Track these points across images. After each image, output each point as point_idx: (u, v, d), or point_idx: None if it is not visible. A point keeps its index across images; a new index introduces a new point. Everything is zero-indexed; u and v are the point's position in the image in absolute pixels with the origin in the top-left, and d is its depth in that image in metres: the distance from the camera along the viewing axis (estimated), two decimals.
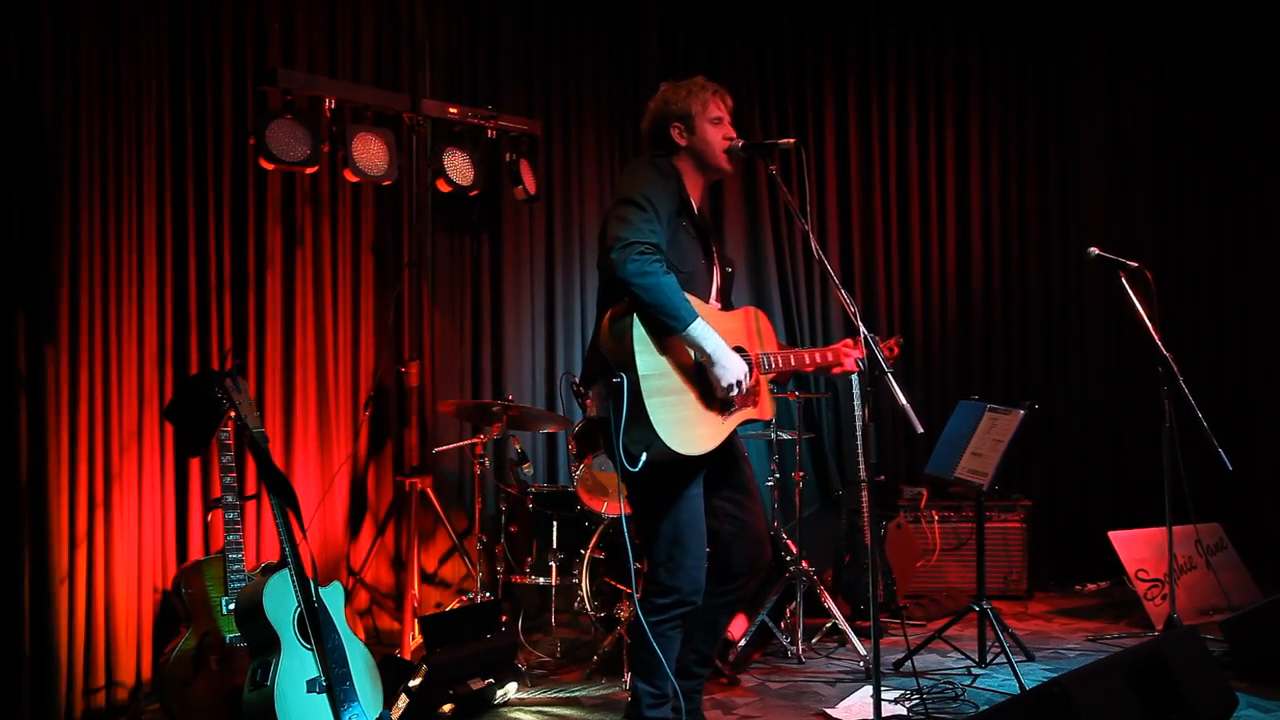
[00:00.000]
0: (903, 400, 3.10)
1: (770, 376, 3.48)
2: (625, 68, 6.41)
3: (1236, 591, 5.28)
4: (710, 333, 3.13)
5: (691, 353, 3.19)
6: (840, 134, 6.70)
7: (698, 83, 3.45)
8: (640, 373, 3.07)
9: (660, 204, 3.21)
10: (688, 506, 3.27)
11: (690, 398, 3.19)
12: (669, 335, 3.14)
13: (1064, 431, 6.62)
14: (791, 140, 3.43)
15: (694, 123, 3.41)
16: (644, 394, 3.05)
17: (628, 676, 4.22)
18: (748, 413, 3.37)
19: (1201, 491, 4.96)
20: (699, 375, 3.21)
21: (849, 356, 3.58)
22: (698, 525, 3.30)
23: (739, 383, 3.18)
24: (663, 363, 3.14)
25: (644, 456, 3.10)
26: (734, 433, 3.51)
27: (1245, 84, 6.47)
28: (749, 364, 3.30)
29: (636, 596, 3.33)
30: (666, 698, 3.31)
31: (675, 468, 3.22)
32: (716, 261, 3.52)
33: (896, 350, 3.83)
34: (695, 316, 3.11)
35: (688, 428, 3.15)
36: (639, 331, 3.11)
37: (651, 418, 3.05)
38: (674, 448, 3.09)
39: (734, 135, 3.45)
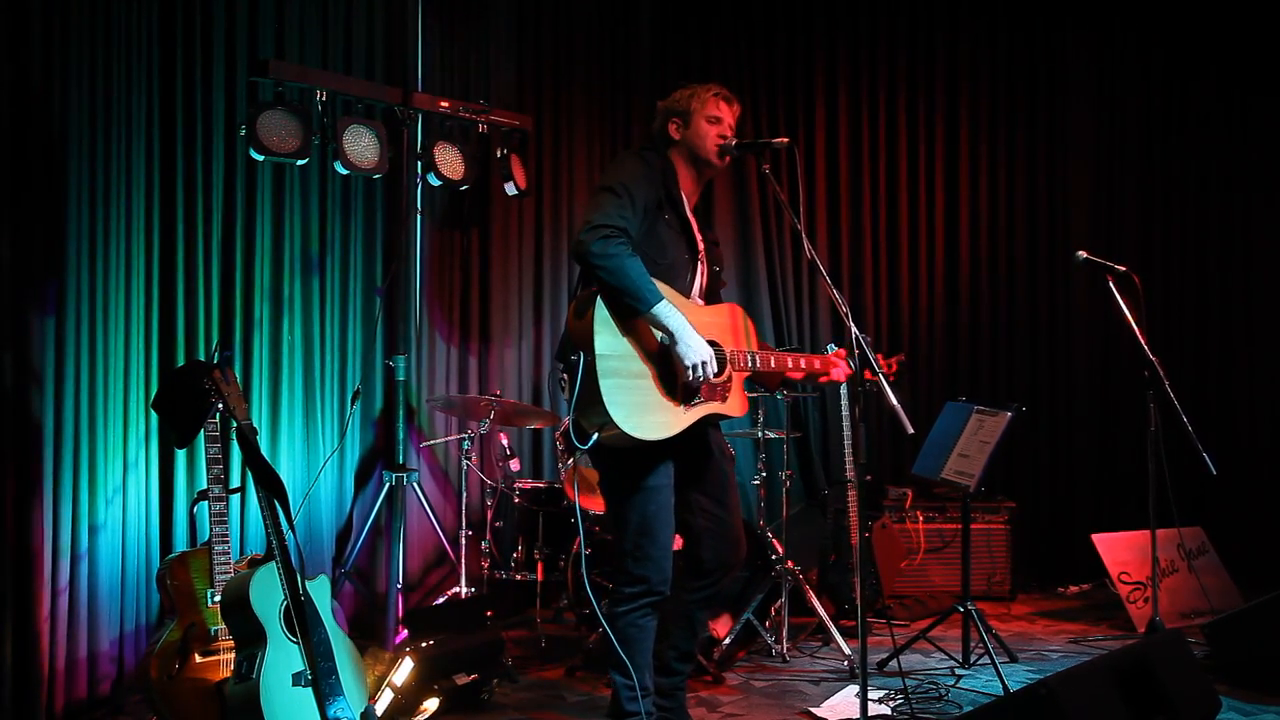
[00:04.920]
0: (893, 400, 3.10)
1: (745, 374, 3.47)
2: (617, 65, 6.41)
3: (1218, 595, 5.32)
4: (675, 313, 3.15)
5: (657, 335, 3.20)
6: (830, 134, 6.71)
7: (705, 85, 3.52)
8: (598, 352, 3.09)
9: (638, 193, 3.25)
10: (655, 498, 3.29)
11: (650, 384, 3.19)
12: (633, 318, 3.16)
13: (1049, 433, 6.65)
14: (785, 139, 3.44)
15: (690, 119, 3.46)
16: (599, 373, 3.07)
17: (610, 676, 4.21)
18: (714, 407, 3.35)
19: (1184, 495, 4.99)
20: (662, 361, 3.22)
21: (837, 366, 3.59)
22: (665, 517, 3.32)
23: (703, 364, 3.16)
24: (624, 345, 3.15)
25: (594, 436, 3.10)
26: (715, 428, 3.53)
27: (1232, 90, 6.52)
28: (722, 358, 3.31)
29: (608, 587, 3.33)
30: (646, 690, 3.32)
31: (636, 455, 3.23)
32: (703, 259, 3.53)
33: (895, 367, 3.83)
34: (660, 298, 3.14)
35: (644, 413, 3.14)
36: (601, 312, 3.14)
37: (605, 398, 3.06)
38: (626, 430, 3.09)
39: (729, 135, 3.48)
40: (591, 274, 3.16)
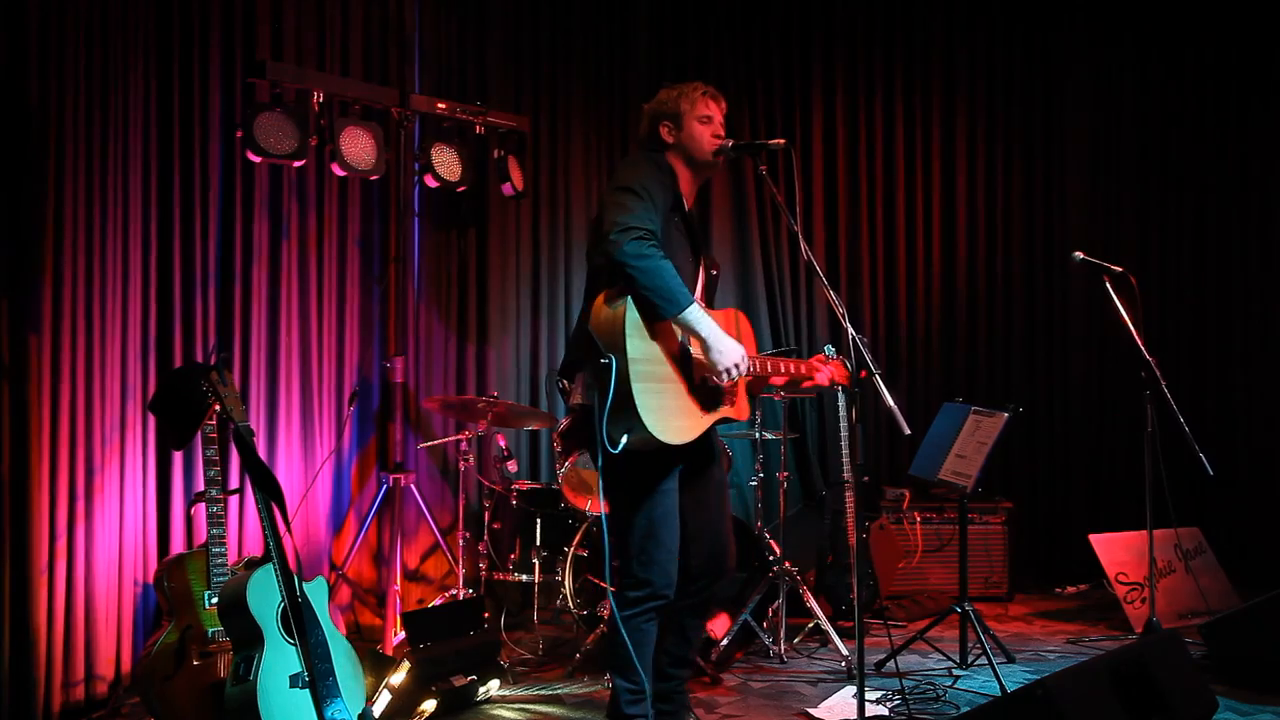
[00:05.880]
0: (890, 401, 3.10)
1: (749, 379, 3.48)
2: (614, 67, 6.40)
3: (1215, 596, 5.32)
4: (705, 317, 3.16)
5: (679, 336, 3.21)
6: (828, 134, 6.71)
7: (689, 85, 3.49)
8: (630, 356, 3.07)
9: (657, 195, 3.24)
10: (663, 501, 3.29)
11: (675, 387, 3.19)
12: (660, 322, 3.15)
13: (1046, 434, 6.66)
14: (782, 141, 3.42)
15: (682, 121, 3.45)
16: (631, 378, 3.06)
17: (609, 674, 4.22)
18: (725, 411, 3.37)
19: (1181, 495, 5.00)
20: (685, 366, 3.23)
21: (820, 371, 3.59)
22: (671, 520, 3.31)
23: (736, 366, 3.18)
24: (652, 349, 3.15)
25: (624, 440, 3.08)
26: (713, 432, 3.53)
27: (1230, 90, 6.53)
28: None
29: (612, 591, 3.34)
30: (645, 693, 3.32)
31: (653, 459, 3.23)
32: (702, 262, 3.54)
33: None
34: (691, 300, 3.13)
35: (671, 416, 3.14)
36: (632, 315, 3.12)
37: (637, 401, 3.05)
38: (656, 434, 3.08)
39: (723, 135, 3.48)
40: (620, 275, 3.11)
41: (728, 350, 3.17)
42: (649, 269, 3.08)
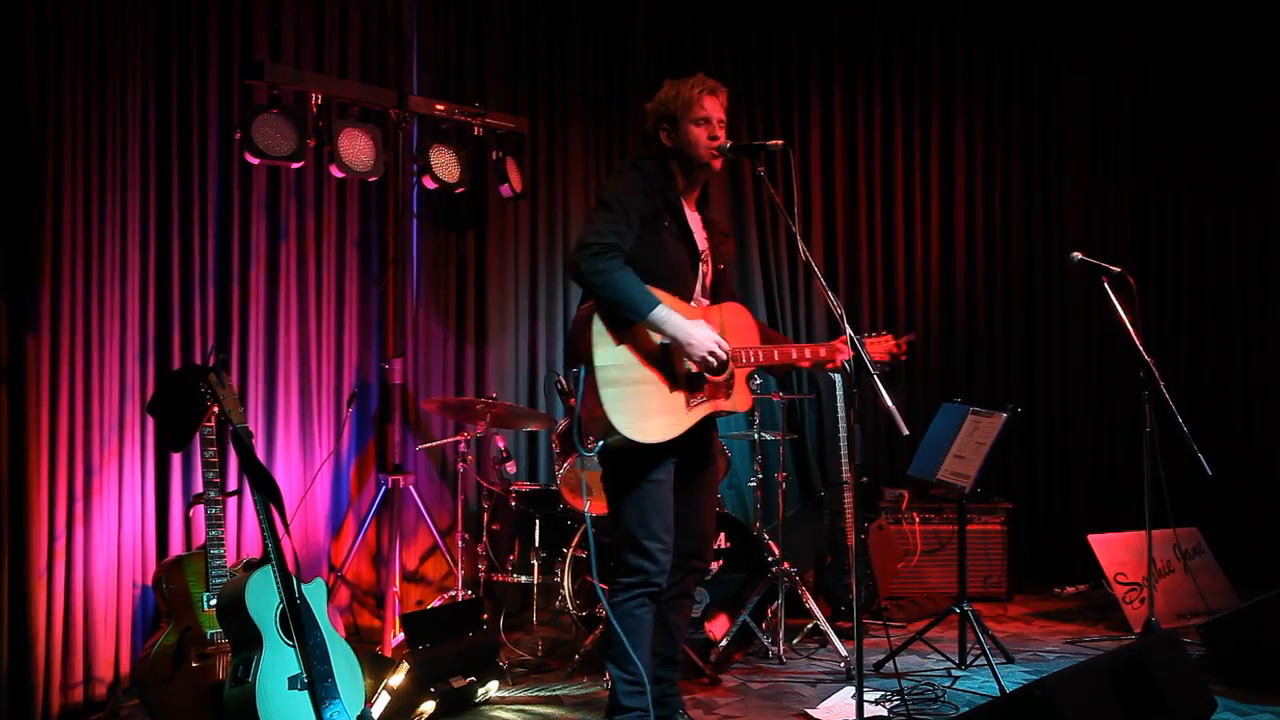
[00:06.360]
0: (888, 401, 3.10)
1: (749, 369, 3.51)
2: (612, 68, 6.40)
3: (1214, 595, 5.32)
4: (670, 315, 3.23)
5: (656, 339, 3.28)
6: (825, 134, 6.72)
7: (688, 82, 3.48)
8: (597, 364, 3.21)
9: (632, 206, 3.31)
10: (654, 490, 3.36)
11: (652, 388, 3.28)
12: (632, 327, 3.25)
13: (1045, 434, 6.66)
14: (780, 143, 3.42)
15: (678, 124, 3.46)
16: (599, 383, 3.19)
17: (609, 674, 4.22)
18: (719, 404, 3.42)
19: (1180, 495, 5.00)
20: (664, 365, 3.30)
21: (842, 353, 3.59)
22: (664, 510, 3.38)
23: (711, 352, 3.25)
24: (622, 354, 3.25)
25: (601, 443, 3.23)
26: (713, 427, 3.56)
27: (1228, 89, 6.52)
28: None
29: (603, 588, 3.40)
30: (643, 684, 3.34)
31: (640, 453, 3.30)
32: (706, 258, 3.55)
33: (904, 346, 3.79)
34: (654, 304, 3.21)
35: (645, 417, 3.24)
36: (598, 325, 3.24)
37: (606, 406, 3.18)
38: (628, 435, 3.20)
39: (720, 136, 3.46)
40: (587, 289, 3.26)
41: (699, 339, 3.24)
42: (606, 283, 3.19)
